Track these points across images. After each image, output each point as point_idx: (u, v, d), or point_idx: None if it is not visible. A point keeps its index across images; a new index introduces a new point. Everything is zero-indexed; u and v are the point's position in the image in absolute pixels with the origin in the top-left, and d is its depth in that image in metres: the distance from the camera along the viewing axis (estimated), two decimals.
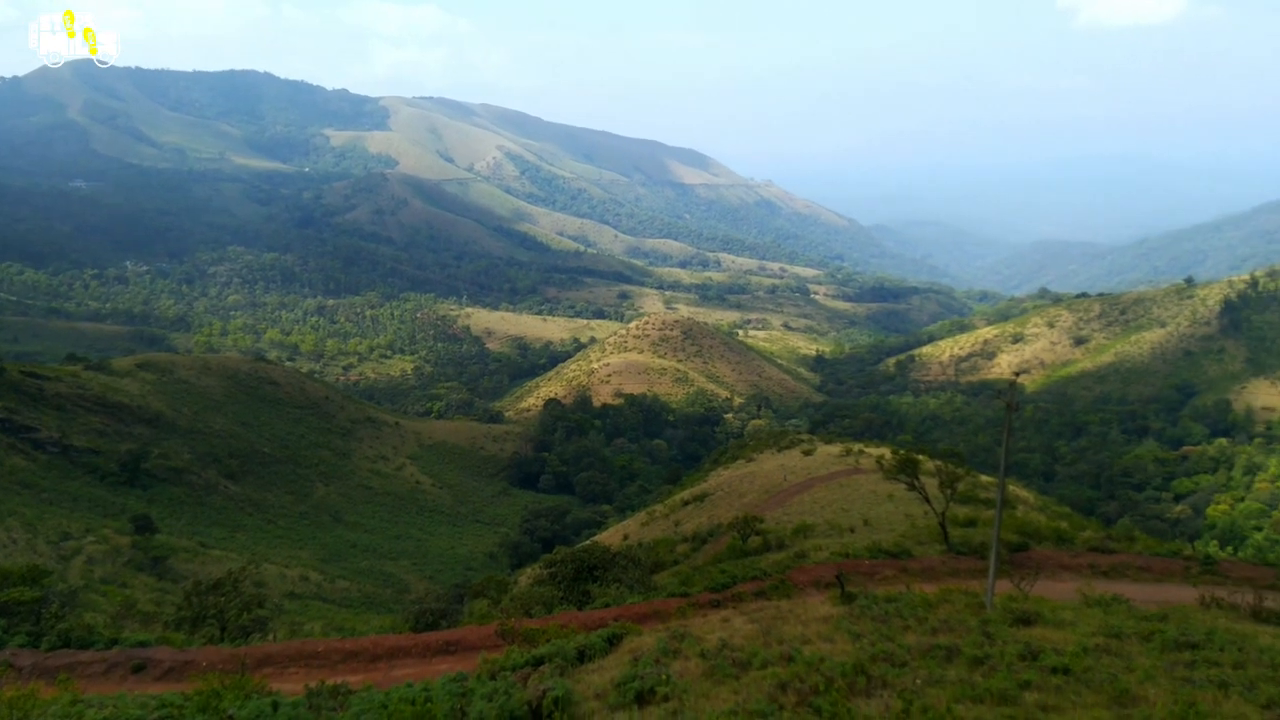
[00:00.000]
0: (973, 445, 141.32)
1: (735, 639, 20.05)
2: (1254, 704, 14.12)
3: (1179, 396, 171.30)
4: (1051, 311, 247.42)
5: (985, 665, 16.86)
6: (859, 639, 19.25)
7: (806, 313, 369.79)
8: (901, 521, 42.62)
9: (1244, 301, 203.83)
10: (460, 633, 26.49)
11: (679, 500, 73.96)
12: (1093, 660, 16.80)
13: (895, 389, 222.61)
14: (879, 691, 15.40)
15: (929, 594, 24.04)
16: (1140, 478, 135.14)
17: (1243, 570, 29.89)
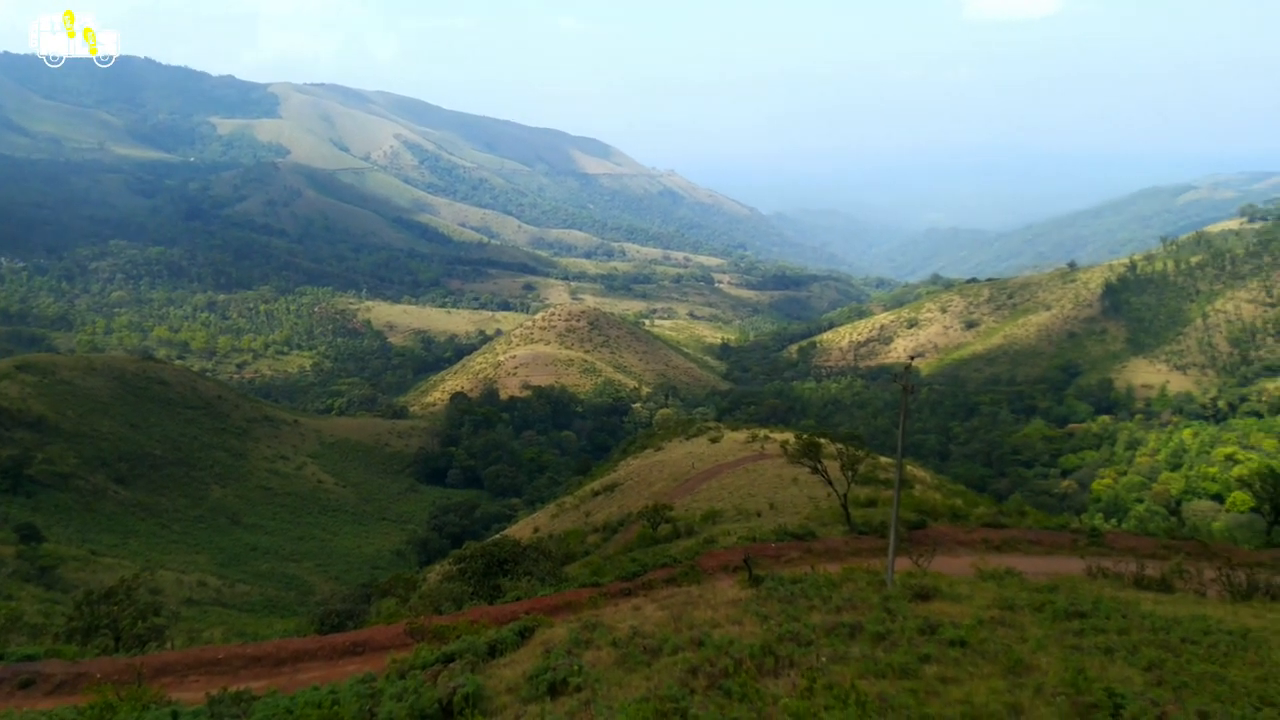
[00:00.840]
0: (873, 428, 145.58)
1: (647, 626, 20.10)
2: (1137, 667, 14.92)
3: (1064, 376, 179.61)
4: (944, 297, 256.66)
5: (887, 641, 17.34)
6: (767, 620, 19.54)
7: (711, 301, 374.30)
8: (806, 504, 43.49)
9: (1123, 284, 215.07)
10: (368, 633, 25.82)
11: (589, 491, 73.88)
12: (988, 632, 17.43)
13: (798, 375, 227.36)
14: (786, 671, 15.68)
15: (833, 574, 24.58)
16: (1029, 455, 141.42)
17: (1126, 541, 31.49)
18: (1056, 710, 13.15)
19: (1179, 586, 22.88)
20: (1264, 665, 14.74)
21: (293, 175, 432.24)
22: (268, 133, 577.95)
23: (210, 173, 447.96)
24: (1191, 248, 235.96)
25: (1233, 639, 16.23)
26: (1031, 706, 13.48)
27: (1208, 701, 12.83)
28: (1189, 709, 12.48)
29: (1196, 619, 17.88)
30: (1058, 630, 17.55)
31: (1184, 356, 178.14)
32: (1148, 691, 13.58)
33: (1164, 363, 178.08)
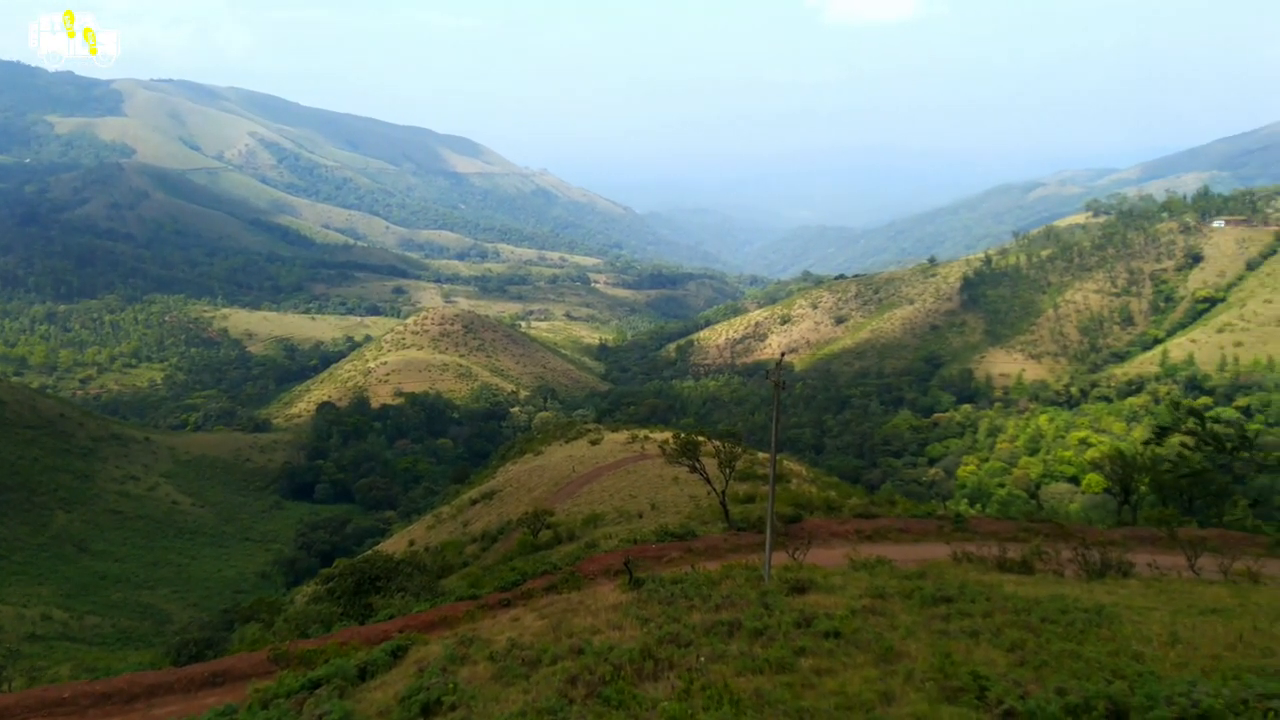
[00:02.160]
0: (750, 424, 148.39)
1: (525, 637, 19.71)
2: (1001, 648, 15.44)
3: (928, 368, 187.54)
4: (814, 293, 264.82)
5: (764, 636, 17.44)
6: (647, 623, 19.39)
7: (588, 302, 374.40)
8: (686, 503, 43.76)
9: (980, 278, 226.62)
10: (229, 662, 24.47)
11: (467, 500, 72.38)
12: (861, 621, 17.75)
13: (677, 374, 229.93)
14: (665, 674, 15.55)
15: (712, 572, 24.66)
16: (898, 445, 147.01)
17: (989, 525, 32.94)
18: (925, 695, 13.40)
19: (1039, 567, 24.00)
20: (1116, 640, 15.53)
21: (139, 176, 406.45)
22: (111, 131, 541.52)
23: (48, 174, 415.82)
24: (1042, 242, 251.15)
25: (1088, 616, 17.05)
26: (902, 693, 13.71)
27: (1065, 678, 13.35)
28: (1048, 687, 12.93)
29: (1055, 599, 18.72)
30: (926, 616, 18.03)
31: (1038, 346, 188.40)
32: (1011, 672, 14.04)
33: (1020, 352, 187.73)
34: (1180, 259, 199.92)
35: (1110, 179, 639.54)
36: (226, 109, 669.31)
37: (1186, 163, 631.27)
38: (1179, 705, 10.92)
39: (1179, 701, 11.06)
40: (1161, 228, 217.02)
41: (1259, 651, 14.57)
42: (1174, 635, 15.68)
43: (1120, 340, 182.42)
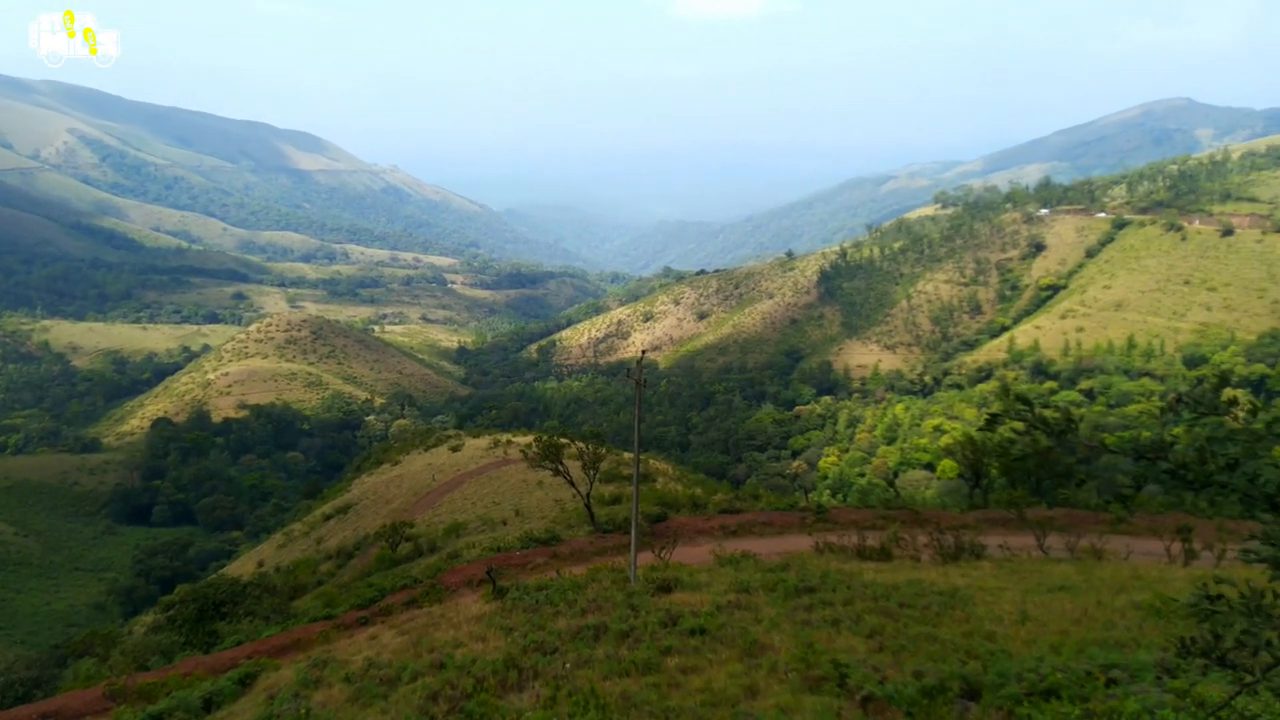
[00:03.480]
0: (615, 424, 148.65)
1: (384, 655, 19.15)
2: (860, 635, 15.82)
3: (789, 361, 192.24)
4: (676, 289, 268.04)
5: (631, 638, 17.33)
6: (511, 632, 19.10)
7: (445, 303, 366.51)
8: (551, 507, 43.36)
9: (836, 271, 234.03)
10: (60, 701, 22.90)
11: (320, 515, 69.40)
12: (726, 617, 17.86)
13: (540, 375, 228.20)
14: (530, 683, 15.37)
15: (578, 576, 24.45)
16: (762, 439, 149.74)
17: (849, 515, 33.93)
18: (789, 686, 13.54)
19: (897, 554, 24.88)
20: (969, 621, 16.18)
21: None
22: None
23: None
24: (894, 234, 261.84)
25: (943, 599, 17.72)
26: (766, 686, 13.83)
27: (922, 661, 13.75)
28: (905, 670, 13.28)
29: (912, 583, 19.41)
30: (790, 607, 18.32)
31: (893, 336, 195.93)
32: (870, 658, 14.37)
33: (876, 343, 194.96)
34: (1024, 248, 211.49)
35: (957, 171, 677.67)
36: (41, 104, 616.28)
37: (1028, 154, 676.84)
38: (1028, 681, 11.34)
39: (1028, 677, 11.50)
40: (1006, 218, 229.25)
41: (1101, 625, 15.45)
42: (1024, 613, 16.46)
43: (970, 329, 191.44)
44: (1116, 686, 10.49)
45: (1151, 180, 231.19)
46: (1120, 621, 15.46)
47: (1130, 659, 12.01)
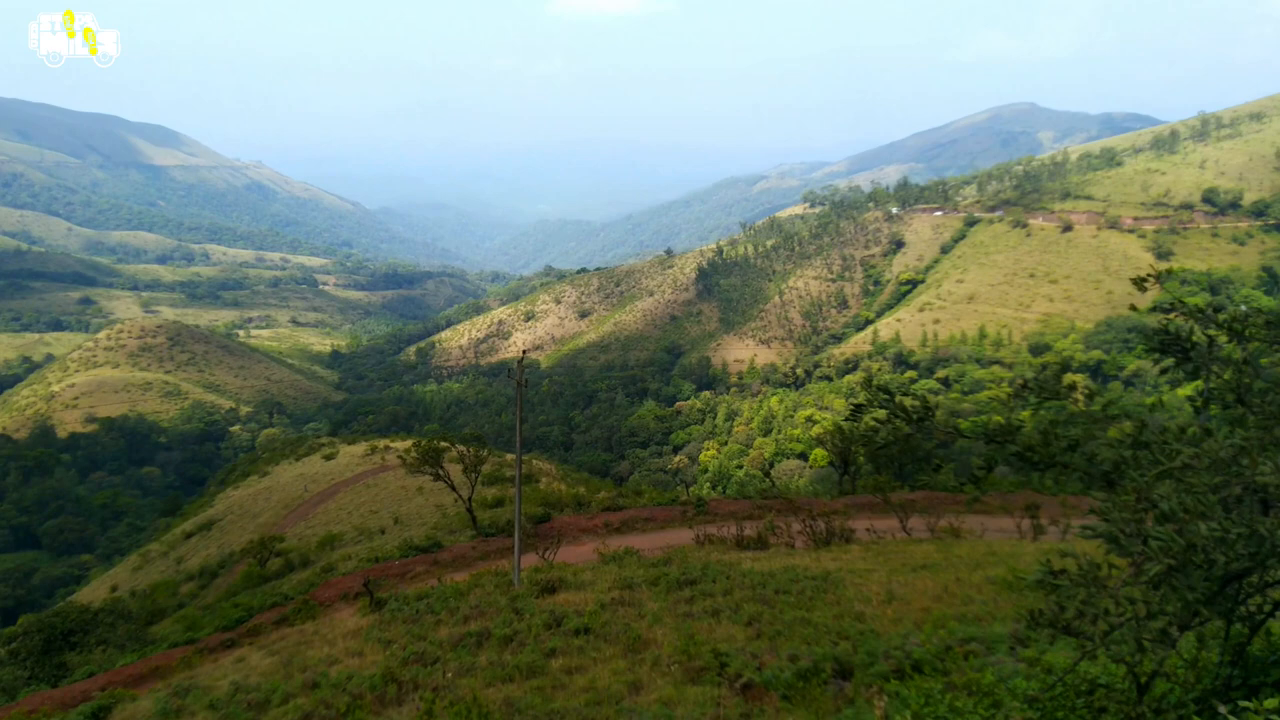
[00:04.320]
0: (497, 425, 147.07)
1: (252, 678, 18.38)
2: (739, 624, 16.17)
3: (669, 357, 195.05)
4: (557, 288, 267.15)
5: (514, 642, 17.19)
6: (390, 645, 18.66)
7: (317, 306, 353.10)
8: (433, 513, 42.49)
9: (713, 268, 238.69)
10: None
11: (180, 533, 65.77)
12: (610, 614, 17.95)
13: (419, 378, 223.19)
14: (410, 696, 15.08)
15: (461, 583, 24.09)
16: (645, 436, 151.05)
17: (728, 506, 34.61)
18: (672, 679, 13.72)
19: (773, 542, 25.54)
20: (840, 603, 16.78)
21: None
22: None
23: None
24: (767, 232, 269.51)
25: (816, 583, 18.31)
26: (650, 680, 13.97)
27: (797, 645, 14.18)
28: (782, 655, 13.66)
29: (787, 570, 19.97)
30: (672, 601, 18.55)
31: (767, 331, 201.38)
32: (749, 645, 14.72)
33: (752, 338, 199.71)
34: (886, 245, 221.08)
35: (823, 171, 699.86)
36: None
37: (887, 156, 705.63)
38: (895, 658, 11.85)
39: (895, 655, 12.01)
40: (868, 217, 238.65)
41: (960, 600, 16.29)
42: (890, 593, 17.18)
43: (838, 322, 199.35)
44: (975, 658, 11.08)
45: (999, 180, 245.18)
46: (977, 596, 16.36)
47: (987, 631, 12.72)
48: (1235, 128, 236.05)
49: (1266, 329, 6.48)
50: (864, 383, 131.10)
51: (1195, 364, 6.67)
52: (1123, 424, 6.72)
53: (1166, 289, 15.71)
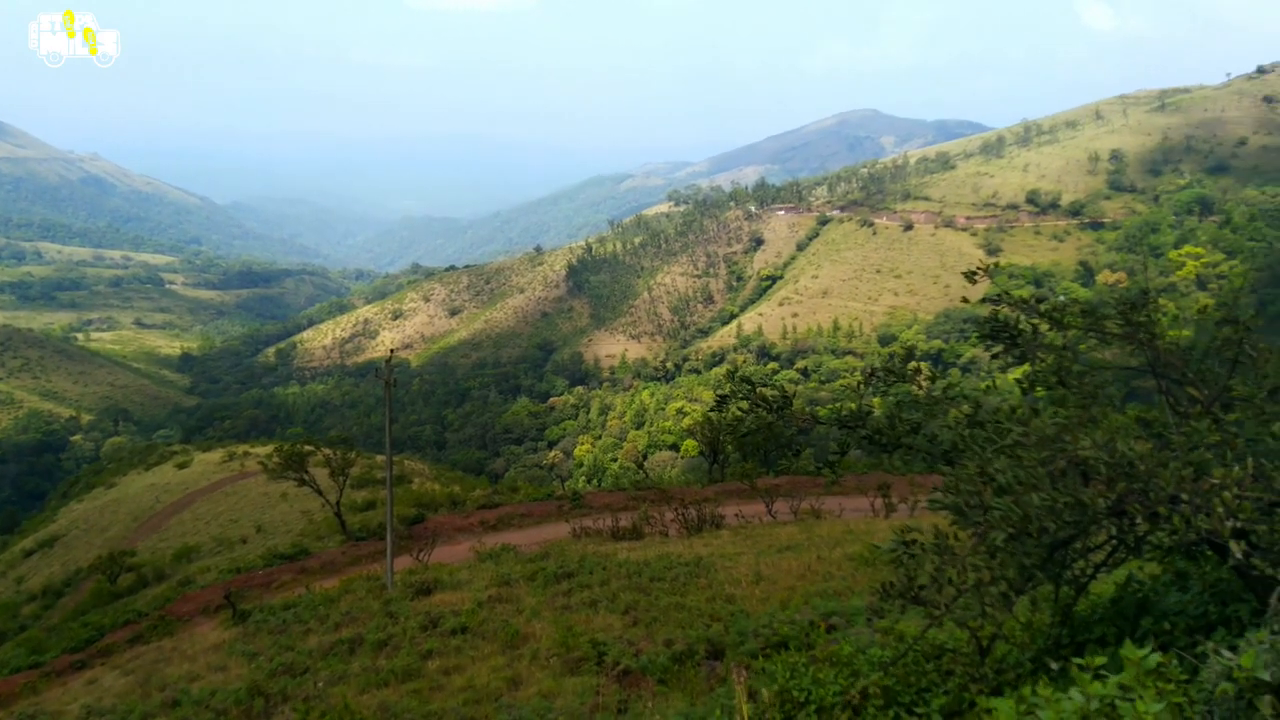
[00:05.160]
0: (367, 426, 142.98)
1: (106, 700, 17.41)
2: (617, 612, 16.45)
3: (542, 354, 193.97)
4: (425, 286, 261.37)
5: (389, 646, 16.93)
6: (256, 658, 18.04)
7: (164, 306, 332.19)
8: (299, 520, 41.19)
9: (582, 265, 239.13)
10: None
11: (19, 552, 61.01)
12: (488, 612, 17.90)
13: (279, 380, 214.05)
14: (279, 708, 14.63)
15: (330, 589, 23.50)
16: (519, 432, 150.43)
17: (603, 499, 34.95)
18: (551, 672, 13.85)
19: (647, 531, 26.03)
20: (712, 587, 17.32)
21: None
22: None
23: None
24: (634, 230, 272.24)
25: (689, 569, 18.82)
26: (529, 674, 14.05)
27: (672, 630, 14.57)
28: (657, 640, 14.02)
29: (662, 558, 20.41)
30: (550, 595, 18.67)
31: (637, 326, 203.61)
32: (626, 633, 15.02)
33: (623, 333, 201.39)
34: (746, 243, 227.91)
35: (686, 171, 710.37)
36: None
37: (746, 157, 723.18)
38: (763, 636, 12.38)
39: (763, 633, 12.55)
40: (730, 215, 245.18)
41: (822, 577, 17.11)
42: (758, 574, 17.86)
43: (704, 317, 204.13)
44: (836, 632, 11.72)
45: (847, 182, 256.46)
46: (837, 573, 17.24)
47: (846, 605, 13.46)
48: (1054, 134, 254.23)
49: (1083, 317, 7.08)
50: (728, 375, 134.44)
51: (1022, 350, 7.26)
52: (961, 406, 7.23)
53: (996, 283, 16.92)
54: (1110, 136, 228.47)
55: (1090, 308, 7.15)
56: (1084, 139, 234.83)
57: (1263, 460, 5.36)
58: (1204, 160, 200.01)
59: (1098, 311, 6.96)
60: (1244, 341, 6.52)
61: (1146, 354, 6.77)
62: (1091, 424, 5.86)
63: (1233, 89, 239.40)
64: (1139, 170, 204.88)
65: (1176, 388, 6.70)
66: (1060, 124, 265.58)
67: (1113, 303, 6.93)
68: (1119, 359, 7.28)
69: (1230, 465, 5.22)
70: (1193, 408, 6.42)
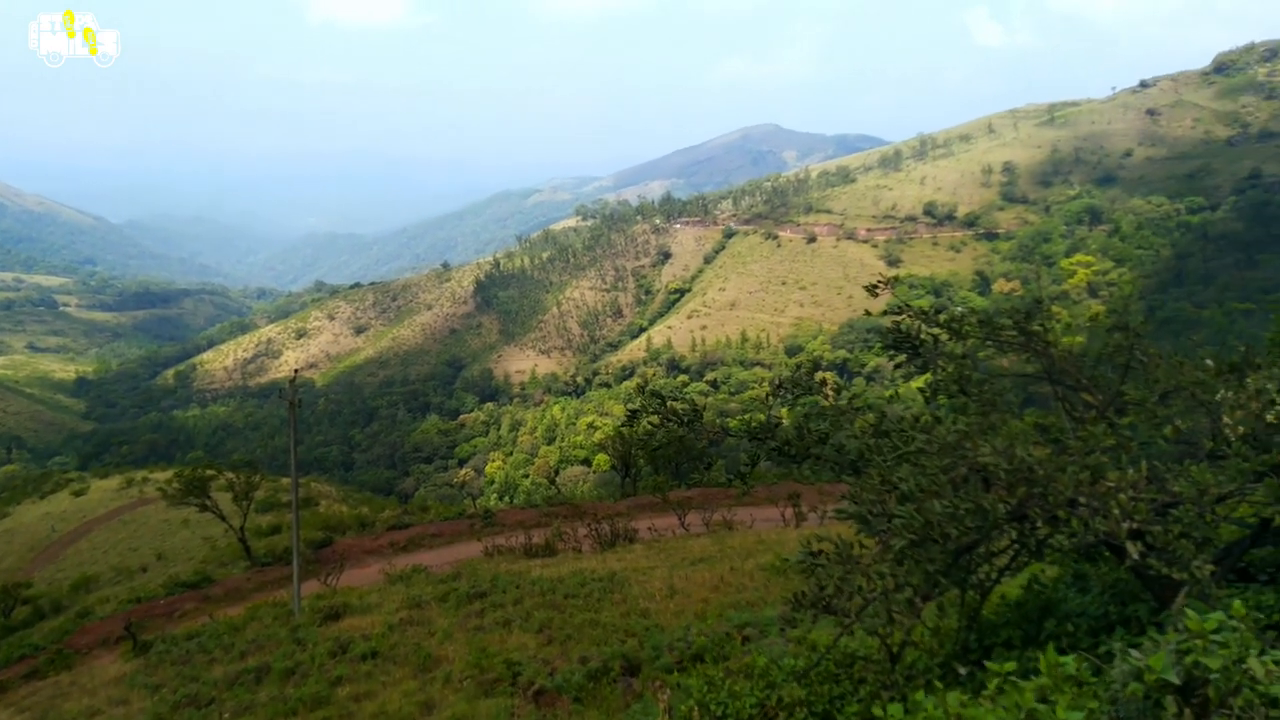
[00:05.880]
0: (271, 449, 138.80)
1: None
2: (531, 631, 16.22)
3: (451, 371, 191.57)
4: (330, 304, 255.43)
5: (297, 674, 16.41)
6: (158, 690, 17.33)
7: (57, 329, 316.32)
8: (201, 546, 39.80)
9: (491, 280, 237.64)
10: None
11: None
12: (399, 635, 17.47)
13: (179, 403, 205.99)
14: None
15: (235, 617, 22.71)
16: (429, 450, 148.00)
17: (516, 516, 34.54)
18: (464, 694, 13.59)
19: (560, 548, 25.80)
20: (626, 602, 17.24)
21: None
22: None
23: None
24: (542, 245, 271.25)
25: (603, 585, 18.70)
26: (442, 698, 13.77)
27: (587, 647, 14.44)
28: (572, 658, 13.88)
29: (575, 574, 20.23)
30: (462, 615, 18.32)
31: (547, 341, 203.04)
32: (540, 652, 14.82)
33: (532, 348, 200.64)
34: (654, 256, 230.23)
35: (593, 186, 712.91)
36: None
37: (651, 172, 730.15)
38: (678, 650, 12.37)
39: (678, 647, 12.54)
40: (637, 229, 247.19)
41: (735, 588, 17.23)
42: (672, 588, 17.87)
43: (614, 331, 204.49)
44: (750, 643, 11.80)
45: (751, 195, 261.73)
46: (750, 584, 17.39)
47: (759, 616, 13.56)
48: (948, 148, 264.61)
49: (980, 327, 7.27)
50: (639, 389, 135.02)
51: (924, 359, 7.43)
52: (866, 415, 7.35)
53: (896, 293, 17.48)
54: (1002, 149, 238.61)
55: (987, 317, 7.32)
56: (977, 152, 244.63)
57: (1156, 463, 5.54)
58: (1092, 171, 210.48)
59: (994, 321, 7.15)
60: (1135, 347, 6.74)
61: (1042, 361, 6.98)
62: (991, 430, 5.95)
63: (1118, 102, 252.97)
64: (1030, 182, 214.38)
65: (1072, 393, 6.91)
66: (955, 138, 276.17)
67: (1008, 312, 7.13)
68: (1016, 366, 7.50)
69: (1125, 468, 5.37)
70: (1088, 413, 6.61)
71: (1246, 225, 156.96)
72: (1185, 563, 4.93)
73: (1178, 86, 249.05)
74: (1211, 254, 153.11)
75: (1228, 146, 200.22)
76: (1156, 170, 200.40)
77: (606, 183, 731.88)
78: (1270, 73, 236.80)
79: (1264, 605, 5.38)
